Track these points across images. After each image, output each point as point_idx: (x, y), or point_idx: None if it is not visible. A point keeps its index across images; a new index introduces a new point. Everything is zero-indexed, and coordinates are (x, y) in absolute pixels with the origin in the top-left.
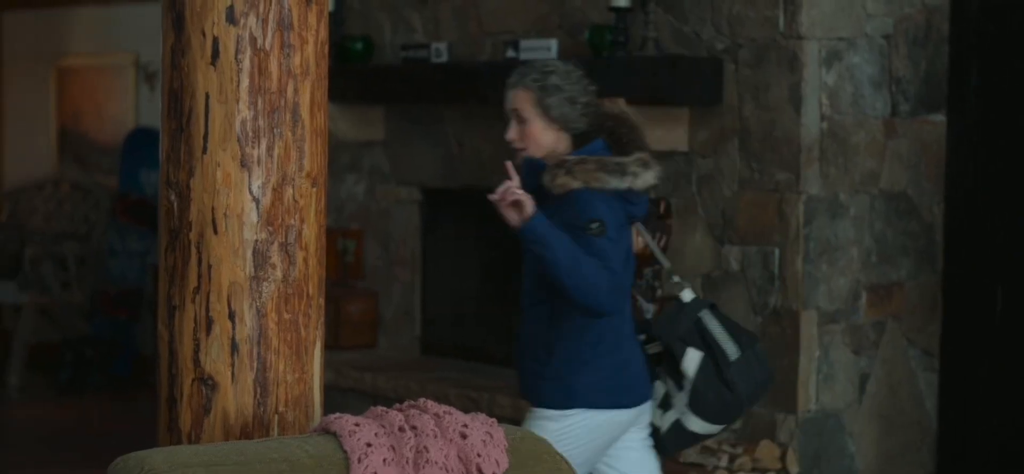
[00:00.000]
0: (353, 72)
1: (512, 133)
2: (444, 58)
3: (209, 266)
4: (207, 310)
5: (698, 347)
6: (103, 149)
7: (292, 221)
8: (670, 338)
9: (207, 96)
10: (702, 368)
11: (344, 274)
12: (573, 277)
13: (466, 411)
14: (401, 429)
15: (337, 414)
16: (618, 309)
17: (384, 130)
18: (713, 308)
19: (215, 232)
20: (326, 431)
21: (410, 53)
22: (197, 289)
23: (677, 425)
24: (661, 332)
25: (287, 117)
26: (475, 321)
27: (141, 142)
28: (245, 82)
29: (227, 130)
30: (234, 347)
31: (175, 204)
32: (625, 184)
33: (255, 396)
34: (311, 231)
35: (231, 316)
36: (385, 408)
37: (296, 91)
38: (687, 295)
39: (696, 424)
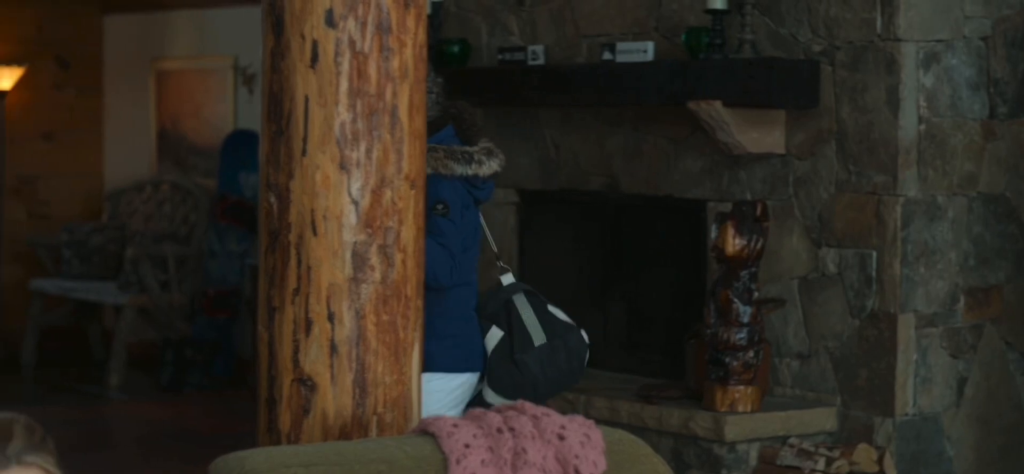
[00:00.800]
0: (450, 75)
1: None
2: (540, 61)
3: (308, 268)
4: (306, 311)
5: (500, 327)
6: (202, 151)
7: (391, 223)
8: (481, 316)
9: (306, 99)
10: (498, 347)
11: None
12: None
13: (562, 413)
14: (499, 430)
15: (435, 415)
16: (462, 282)
17: None
18: (531, 294)
19: (314, 234)
20: (425, 432)
21: (507, 56)
22: (297, 290)
23: (479, 395)
24: (479, 310)
25: (386, 119)
26: None
27: (239, 144)
28: (344, 85)
29: (326, 133)
30: (333, 348)
31: (275, 206)
32: (471, 171)
33: (354, 397)
34: (409, 233)
35: (330, 317)
36: (483, 410)
37: (395, 94)
38: (506, 279)
39: (491, 396)
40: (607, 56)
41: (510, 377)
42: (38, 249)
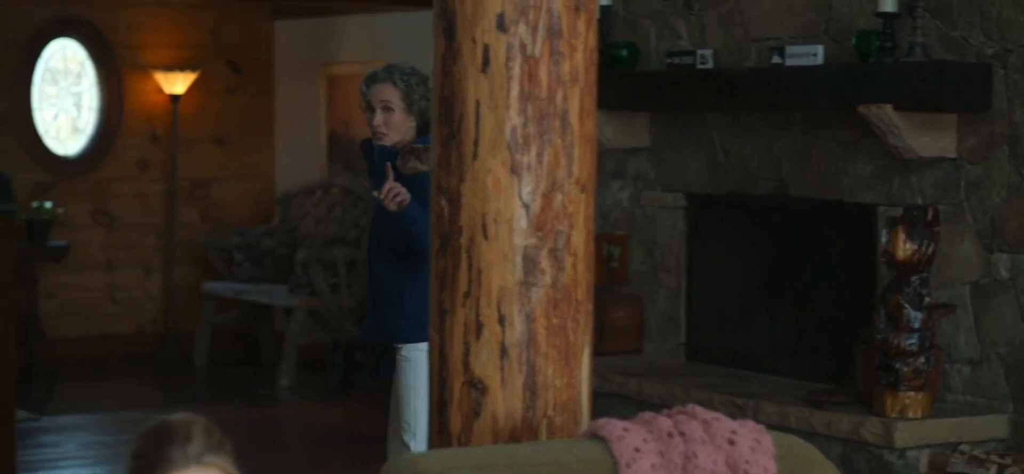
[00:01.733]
0: (619, 79)
1: (378, 120)
2: (709, 64)
3: (479, 271)
4: (477, 315)
5: None
6: None
7: (561, 227)
8: None
9: (478, 103)
10: None
11: (609, 279)
12: (429, 240)
13: (731, 418)
14: (670, 435)
15: (606, 419)
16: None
17: (649, 136)
18: None
19: (485, 237)
20: (595, 436)
21: (675, 59)
22: (467, 294)
23: None
24: None
25: (557, 124)
26: (740, 327)
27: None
28: (515, 89)
29: (497, 137)
30: (503, 351)
31: (446, 209)
32: None
33: (524, 400)
34: (580, 237)
35: (501, 321)
36: (654, 413)
37: (565, 98)
38: None
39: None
40: (776, 59)
41: None
42: (210, 252)
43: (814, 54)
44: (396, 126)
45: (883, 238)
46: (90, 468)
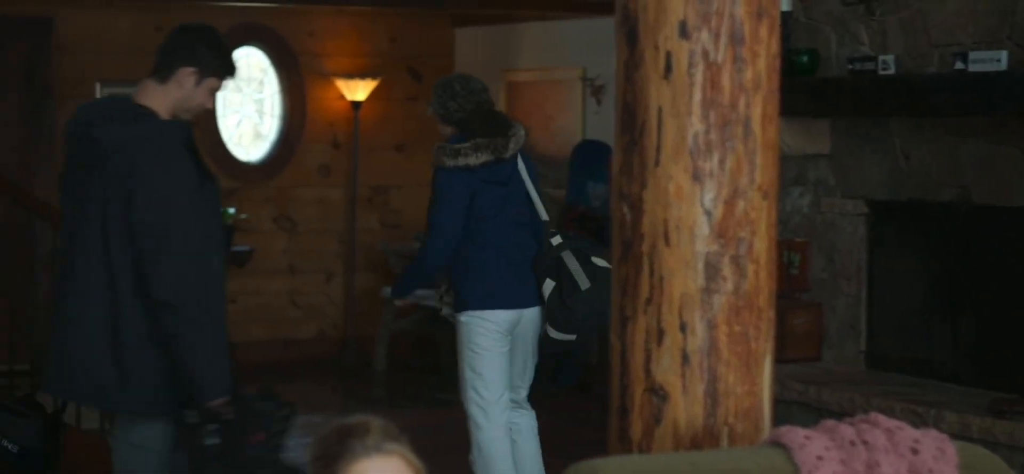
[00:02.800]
0: (799, 85)
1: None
2: (891, 70)
3: (661, 278)
4: (659, 321)
5: (553, 279)
6: (550, 161)
7: (743, 234)
8: (537, 271)
9: (660, 110)
10: (552, 294)
11: (788, 286)
12: (421, 270)
13: (913, 427)
14: (852, 443)
15: (787, 426)
16: (472, 243)
17: (830, 143)
18: (577, 250)
19: (667, 244)
20: (776, 443)
21: (856, 65)
22: (649, 300)
23: (545, 332)
24: (534, 266)
25: (739, 130)
26: (921, 335)
27: (588, 154)
28: (697, 96)
29: (679, 143)
30: (685, 358)
31: (628, 216)
32: (460, 163)
33: (705, 407)
34: (762, 244)
35: (682, 327)
36: (836, 421)
37: (748, 104)
38: (555, 240)
39: (552, 332)
40: (959, 65)
41: (564, 317)
42: (390, 257)
43: (998, 60)
44: (440, 134)
45: None
46: None
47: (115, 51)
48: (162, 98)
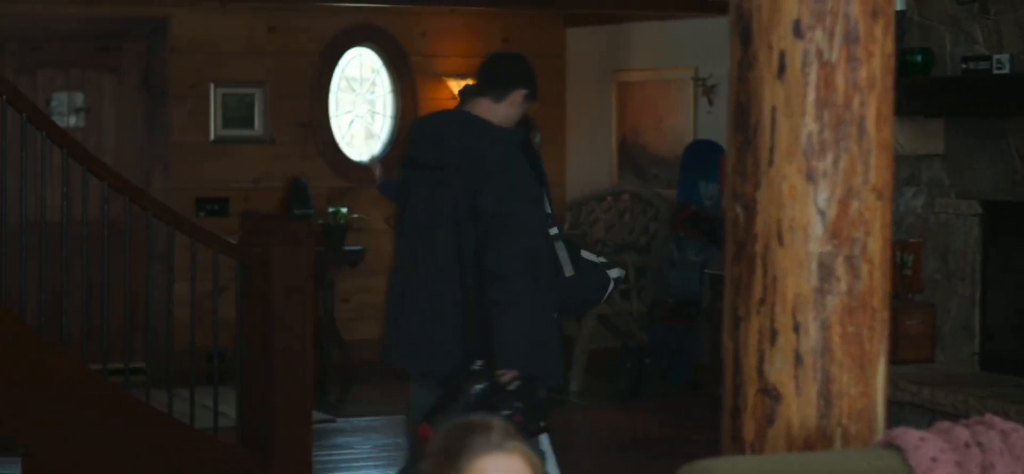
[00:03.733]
0: (912, 85)
1: None
2: (1006, 69)
3: (774, 278)
4: (772, 322)
5: None
6: (662, 161)
7: (857, 234)
8: None
9: (773, 109)
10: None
11: (902, 287)
12: None
13: None
14: (967, 445)
15: (902, 428)
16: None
17: (944, 143)
18: (569, 242)
19: (780, 244)
20: (890, 445)
21: (971, 65)
22: (762, 301)
23: None
24: None
25: (853, 130)
26: None
27: (699, 154)
28: (811, 95)
29: (793, 143)
30: (798, 359)
31: (741, 216)
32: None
33: (818, 409)
34: (876, 244)
35: (795, 328)
36: (950, 423)
37: (862, 104)
38: (552, 231)
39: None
40: None
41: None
42: None
43: None
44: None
45: None
46: (383, 470)
47: (229, 52)
48: (495, 113)
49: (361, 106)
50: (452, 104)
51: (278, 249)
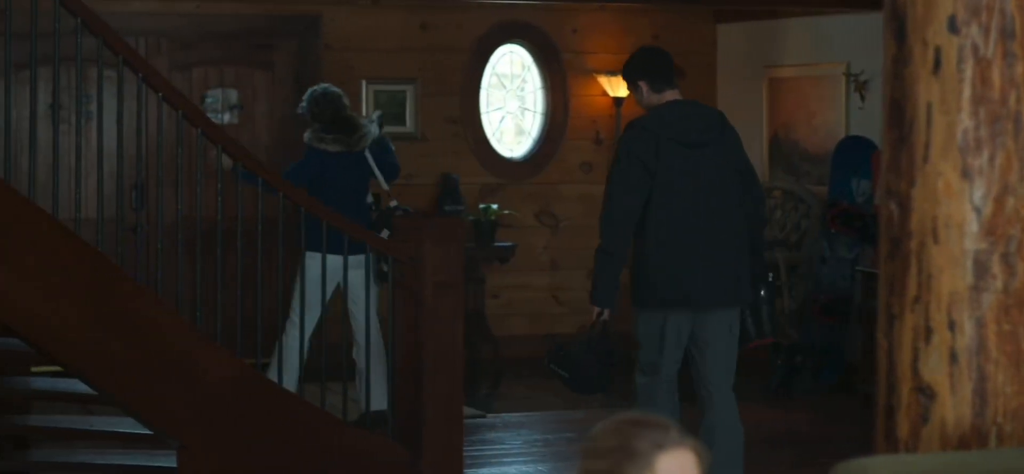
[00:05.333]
0: None
1: None
2: None
3: (929, 276)
4: (926, 320)
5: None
6: (813, 158)
7: (1013, 231)
8: (374, 226)
9: (929, 106)
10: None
11: None
12: None
13: None
14: None
15: None
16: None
17: None
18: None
19: (935, 242)
20: None
21: None
22: (916, 298)
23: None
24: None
25: (1009, 127)
26: None
27: (851, 151)
28: (966, 92)
29: (948, 140)
30: (953, 357)
31: (896, 214)
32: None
33: (973, 407)
34: None
35: (950, 326)
36: None
37: (1018, 100)
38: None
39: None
40: None
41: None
42: None
43: None
44: None
45: None
46: (533, 465)
47: (381, 50)
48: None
49: (511, 102)
50: (603, 100)
51: (429, 245)
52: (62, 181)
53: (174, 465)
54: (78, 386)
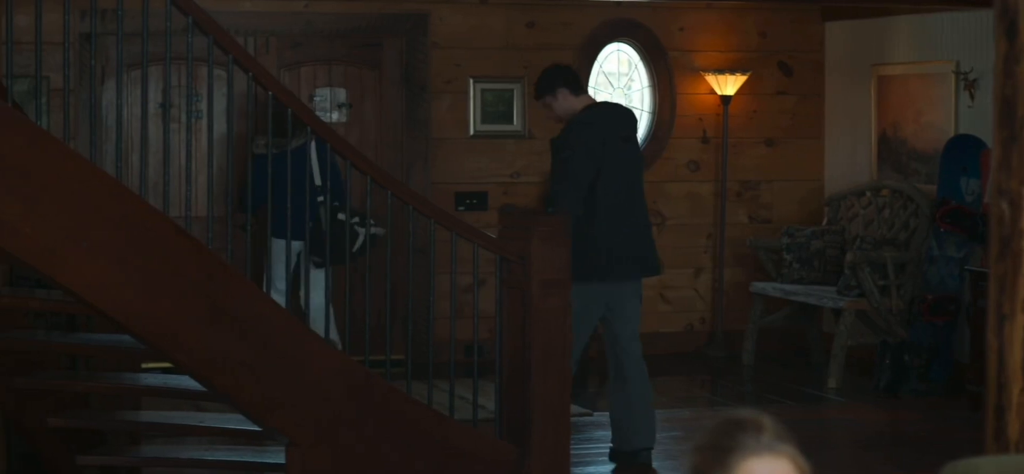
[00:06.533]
0: None
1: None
2: None
3: None
4: None
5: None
6: (922, 156)
7: None
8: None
9: None
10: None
11: None
12: None
13: None
14: None
15: None
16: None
17: None
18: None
19: None
20: None
21: None
22: None
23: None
24: None
25: None
26: None
27: (960, 149)
28: None
29: None
30: None
31: (1007, 213)
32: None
33: None
34: None
35: None
36: None
37: None
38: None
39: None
40: None
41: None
42: (759, 252)
43: None
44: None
45: None
46: None
47: (488, 49)
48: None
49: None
50: (710, 99)
51: (536, 243)
52: (173, 179)
53: (283, 461)
54: (188, 382)
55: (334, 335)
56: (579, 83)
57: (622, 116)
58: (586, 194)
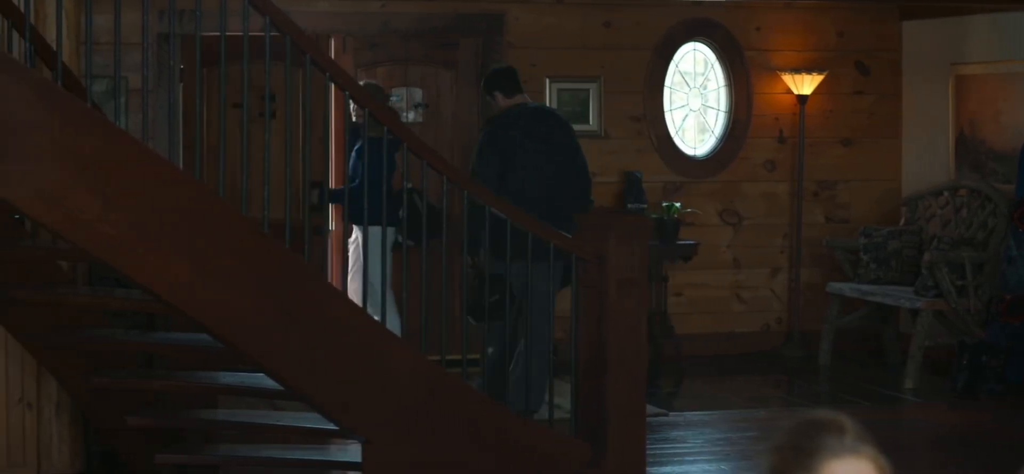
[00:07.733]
0: None
1: None
2: None
3: None
4: None
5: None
6: (1001, 156)
7: None
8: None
9: None
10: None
11: None
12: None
13: None
14: None
15: None
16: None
17: None
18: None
19: None
20: None
21: None
22: None
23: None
24: None
25: None
26: None
27: None
28: None
29: None
30: None
31: None
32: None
33: None
34: None
35: None
36: None
37: None
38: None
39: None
40: None
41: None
42: (836, 252)
43: None
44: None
45: None
46: (716, 464)
47: (564, 48)
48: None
49: (694, 101)
50: (786, 98)
51: (612, 243)
52: (250, 178)
53: (359, 460)
54: (265, 381)
55: (395, 318)
56: (515, 86)
57: (538, 116)
58: (495, 188)
